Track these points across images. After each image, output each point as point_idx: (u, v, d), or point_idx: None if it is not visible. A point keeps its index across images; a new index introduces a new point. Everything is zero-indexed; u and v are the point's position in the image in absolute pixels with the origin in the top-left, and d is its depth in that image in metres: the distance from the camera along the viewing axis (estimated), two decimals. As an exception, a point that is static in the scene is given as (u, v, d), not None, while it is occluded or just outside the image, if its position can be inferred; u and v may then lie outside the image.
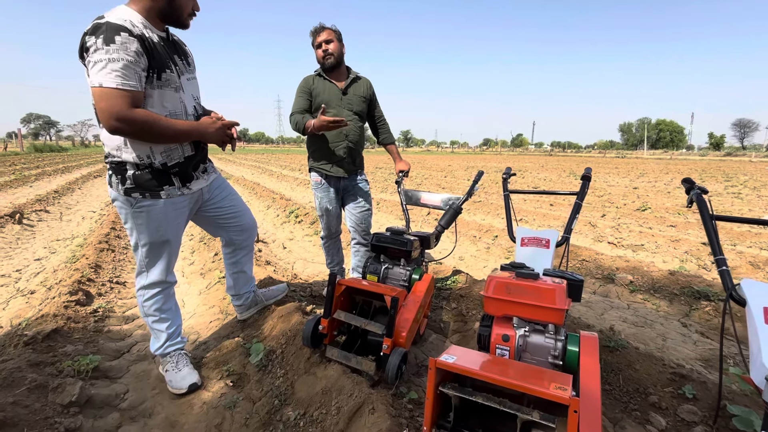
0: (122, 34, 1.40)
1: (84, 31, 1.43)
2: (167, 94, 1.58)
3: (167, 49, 1.61)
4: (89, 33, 1.41)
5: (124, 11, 1.50)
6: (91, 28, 1.41)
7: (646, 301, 3.00)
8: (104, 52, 1.38)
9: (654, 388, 1.71)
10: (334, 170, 2.57)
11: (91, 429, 1.53)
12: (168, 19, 1.61)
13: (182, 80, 1.66)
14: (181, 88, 1.65)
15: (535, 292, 1.38)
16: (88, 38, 1.40)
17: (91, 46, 1.39)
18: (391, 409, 1.45)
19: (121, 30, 1.40)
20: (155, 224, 1.69)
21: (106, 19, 1.42)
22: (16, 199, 7.35)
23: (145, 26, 1.52)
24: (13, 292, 3.06)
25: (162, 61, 1.55)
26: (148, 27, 1.54)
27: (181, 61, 1.69)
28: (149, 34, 1.52)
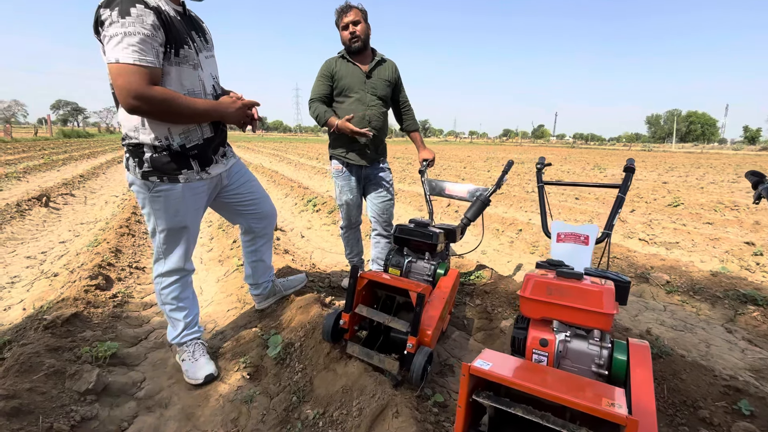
0: (138, 5, 1.32)
1: (99, 3, 1.35)
2: (185, 72, 1.50)
3: (185, 25, 1.53)
4: (104, 5, 1.33)
5: None
6: (106, 0, 1.33)
7: (684, 303, 2.81)
8: (120, 25, 1.30)
9: (704, 401, 1.56)
10: (355, 158, 2.46)
11: (108, 418, 1.49)
12: None
13: (200, 57, 1.57)
14: (199, 66, 1.56)
15: (579, 294, 1.25)
16: (103, 11, 1.32)
17: (106, 20, 1.31)
18: (416, 413, 1.35)
19: (136, 1, 1.32)
20: (173, 209, 1.63)
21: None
22: (45, 182, 7.55)
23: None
24: (38, 273, 3.10)
25: (180, 36, 1.46)
26: (165, 0, 1.45)
27: (199, 38, 1.60)
28: (165, 7, 1.43)
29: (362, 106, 2.40)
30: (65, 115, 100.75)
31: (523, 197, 6.84)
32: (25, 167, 9.24)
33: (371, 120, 2.42)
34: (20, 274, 3.12)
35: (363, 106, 2.40)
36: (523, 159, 20.40)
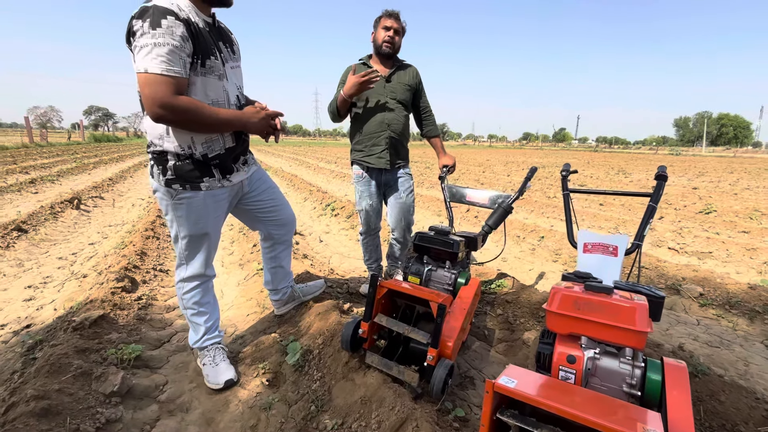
0: (169, 17, 1.35)
1: (131, 14, 1.38)
2: (210, 82, 1.52)
3: (213, 36, 1.55)
4: (136, 17, 1.36)
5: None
6: (139, 11, 1.37)
7: (720, 317, 2.66)
8: (150, 36, 1.33)
9: (746, 426, 1.46)
10: (375, 161, 2.45)
11: (131, 421, 1.52)
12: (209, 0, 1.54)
13: (226, 68, 1.59)
14: (224, 76, 1.58)
15: (611, 310, 1.19)
16: (135, 22, 1.35)
17: (137, 30, 1.35)
18: (436, 428, 1.32)
19: (167, 13, 1.35)
20: (195, 216, 1.65)
21: (154, 2, 1.37)
22: (76, 185, 7.87)
23: (191, 10, 1.46)
24: (68, 274, 3.21)
25: (207, 47, 1.49)
26: (193, 10, 1.48)
27: (226, 49, 1.62)
28: (195, 18, 1.46)
29: (381, 110, 2.40)
30: (96, 120, 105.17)
31: (545, 203, 6.68)
32: (59, 171, 9.67)
33: (390, 123, 2.42)
34: (52, 274, 3.24)
35: (382, 110, 2.40)
36: (545, 163, 20.01)
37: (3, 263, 3.36)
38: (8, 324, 2.36)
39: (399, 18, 2.36)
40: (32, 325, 2.30)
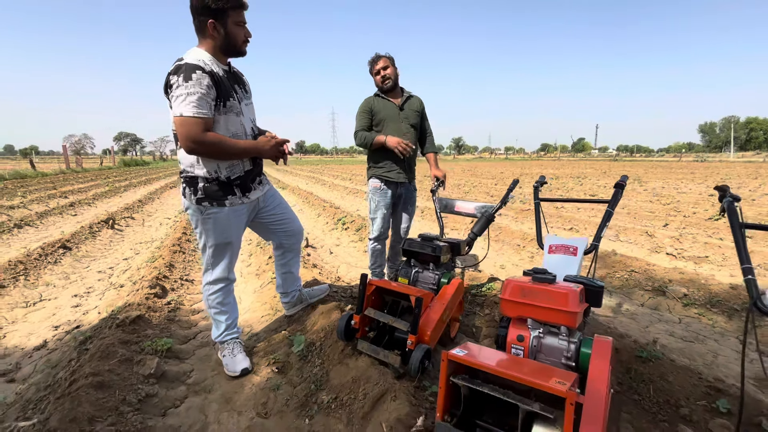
0: (197, 71, 1.71)
1: (168, 71, 1.76)
2: (231, 119, 1.88)
3: (230, 80, 1.91)
4: (172, 73, 1.73)
5: (197, 52, 1.82)
6: (174, 68, 1.73)
7: (701, 315, 2.82)
8: (184, 87, 1.68)
9: (686, 400, 1.66)
10: (395, 176, 2.87)
11: (165, 397, 1.85)
12: (228, 51, 1.90)
13: (242, 106, 1.95)
14: (241, 113, 1.94)
15: (548, 295, 1.45)
16: (172, 77, 1.72)
17: (174, 84, 1.71)
18: (411, 398, 1.59)
19: (196, 68, 1.71)
20: (220, 228, 1.98)
21: (185, 61, 1.74)
22: (110, 207, 8.53)
23: (213, 62, 1.82)
24: (108, 285, 3.64)
25: (227, 91, 1.84)
26: (215, 63, 1.84)
27: (240, 90, 1.99)
28: (216, 69, 1.82)
29: (398, 134, 2.83)
30: (125, 145, 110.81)
31: (552, 213, 6.84)
32: (94, 194, 10.45)
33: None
34: (94, 285, 3.67)
35: (399, 134, 2.83)
36: (558, 174, 19.95)
37: (52, 276, 3.83)
38: (61, 326, 2.77)
39: (380, 57, 2.80)
40: (81, 326, 2.69)
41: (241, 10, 1.84)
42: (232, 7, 1.78)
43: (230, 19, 1.80)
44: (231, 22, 1.81)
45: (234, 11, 1.80)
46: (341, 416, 1.65)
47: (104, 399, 1.64)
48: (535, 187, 2.42)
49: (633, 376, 1.85)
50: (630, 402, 1.75)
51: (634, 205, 8.26)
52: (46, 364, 2.21)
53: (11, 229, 5.78)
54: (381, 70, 2.78)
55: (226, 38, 1.83)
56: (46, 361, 2.25)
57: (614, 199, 2.07)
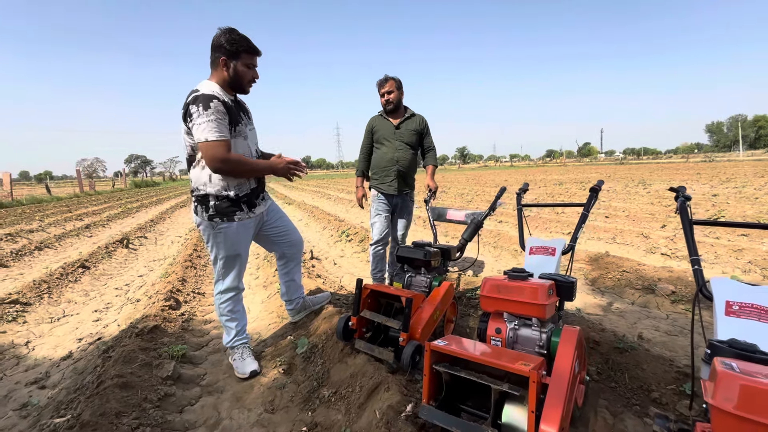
0: (214, 101, 1.93)
1: (186, 101, 1.97)
2: (239, 142, 2.10)
3: (236, 108, 2.14)
4: (191, 102, 1.94)
5: (209, 84, 2.04)
6: (192, 98, 1.95)
7: (688, 311, 2.93)
8: (205, 115, 1.89)
9: (657, 385, 1.80)
10: (387, 189, 3.14)
11: (181, 396, 2.03)
12: (234, 87, 2.13)
13: (247, 130, 2.18)
14: (247, 137, 2.17)
15: (520, 291, 1.62)
16: (191, 107, 1.93)
17: (194, 113, 1.91)
18: (403, 389, 1.75)
19: (212, 98, 1.93)
20: (230, 241, 2.18)
21: (201, 92, 1.96)
22: (123, 228, 8.86)
23: (222, 93, 2.04)
24: (125, 300, 3.86)
25: (235, 117, 2.07)
26: (224, 93, 2.06)
27: (244, 117, 2.21)
28: (226, 98, 2.04)
29: (391, 151, 3.12)
30: (136, 167, 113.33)
31: (549, 218, 6.97)
32: (108, 216, 10.83)
33: (399, 160, 3.13)
34: (112, 301, 3.90)
35: (392, 151, 3.12)
36: (563, 180, 20.02)
37: (74, 294, 4.07)
38: (84, 338, 2.98)
39: (387, 80, 3.07)
40: (102, 337, 2.90)
41: (253, 54, 2.07)
42: (245, 50, 2.02)
43: (241, 61, 2.03)
44: (241, 63, 2.03)
45: (246, 54, 2.03)
46: (340, 407, 1.81)
47: (128, 397, 1.83)
48: (518, 194, 2.60)
49: (611, 365, 1.99)
50: (607, 389, 1.89)
51: (635, 207, 8.34)
52: (73, 371, 2.41)
53: (32, 252, 6.08)
54: (386, 93, 3.06)
55: (234, 76, 2.05)
56: (72, 369, 2.45)
57: (589, 203, 2.24)
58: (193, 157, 2.08)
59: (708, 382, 1.03)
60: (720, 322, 1.32)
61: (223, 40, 1.98)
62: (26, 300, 3.64)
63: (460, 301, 3.05)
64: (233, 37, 2.00)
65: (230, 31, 2.01)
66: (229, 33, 2.00)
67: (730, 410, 0.87)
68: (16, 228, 8.48)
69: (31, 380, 2.38)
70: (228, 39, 1.99)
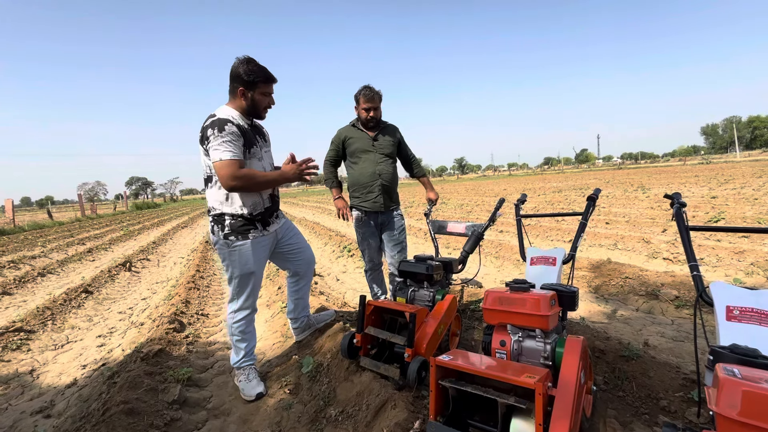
0: (228, 124, 2.02)
1: (203, 125, 2.07)
2: (254, 163, 2.17)
3: (252, 133, 2.21)
4: (208, 126, 2.03)
5: (226, 109, 2.14)
6: (209, 122, 2.04)
7: (692, 316, 2.92)
8: (220, 137, 1.99)
9: (665, 393, 1.79)
10: (371, 206, 2.98)
11: (188, 420, 2.02)
12: (251, 113, 2.21)
13: (262, 152, 2.26)
14: (262, 158, 2.25)
15: (522, 302, 1.63)
16: (208, 130, 2.02)
17: (210, 135, 2.00)
18: (410, 406, 1.74)
19: (227, 122, 2.02)
20: (244, 259, 2.21)
21: (217, 116, 2.06)
22: (126, 251, 8.87)
23: (239, 117, 2.13)
24: (128, 324, 3.85)
25: (251, 140, 2.15)
26: (241, 118, 2.15)
27: (261, 140, 2.29)
28: (242, 122, 2.13)
29: (372, 165, 2.97)
30: (137, 189, 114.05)
31: (550, 227, 6.98)
32: (110, 239, 10.86)
33: (381, 174, 2.98)
34: (115, 325, 3.89)
35: (372, 165, 2.97)
36: (562, 187, 20.10)
37: (77, 319, 4.06)
38: (88, 364, 2.97)
39: (373, 94, 2.89)
40: (106, 363, 2.89)
41: (269, 83, 2.17)
42: (261, 81, 2.11)
43: (258, 90, 2.13)
44: (258, 93, 2.13)
45: (263, 84, 2.13)
46: (347, 427, 1.80)
47: (135, 423, 1.82)
48: (516, 205, 2.63)
49: (617, 374, 1.99)
50: (615, 399, 1.88)
51: (635, 213, 8.36)
52: (78, 399, 2.40)
53: (35, 278, 6.09)
54: (373, 109, 2.86)
55: (251, 104, 2.15)
56: (77, 397, 2.44)
57: (587, 212, 2.27)
58: (210, 178, 2.16)
59: (711, 389, 1.04)
60: (721, 327, 1.33)
61: (241, 71, 2.07)
62: (30, 327, 3.64)
63: (464, 314, 3.04)
64: (251, 68, 2.08)
65: (248, 62, 2.10)
66: (246, 64, 2.09)
67: (734, 417, 0.88)
68: (19, 255, 8.50)
69: (36, 409, 2.37)
70: (246, 70, 2.08)
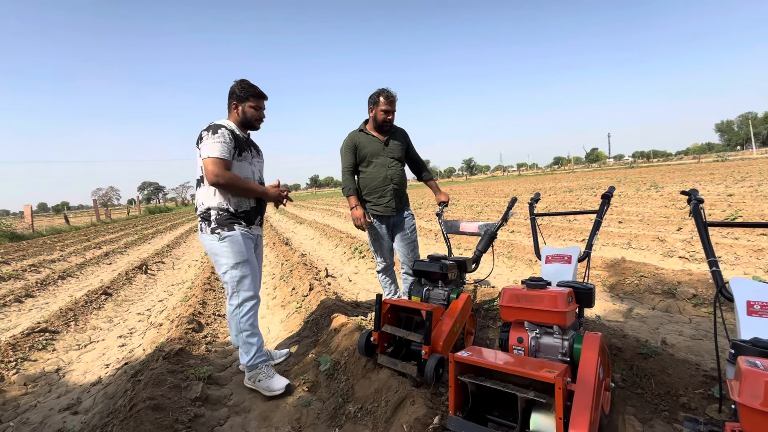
0: (222, 129, 2.21)
1: (201, 130, 2.24)
2: (243, 166, 2.34)
3: (246, 143, 2.39)
4: (205, 129, 2.24)
5: (224, 120, 2.35)
6: (206, 126, 2.25)
7: (711, 314, 2.89)
8: (212, 138, 2.18)
9: (685, 390, 1.78)
10: (383, 210, 3.02)
11: (210, 417, 2.07)
12: (244, 125, 2.41)
13: (253, 160, 2.43)
14: (252, 164, 2.41)
15: (539, 299, 1.64)
16: (204, 132, 2.23)
17: (204, 136, 2.20)
18: (428, 402, 1.77)
19: (221, 127, 2.22)
20: (237, 246, 2.26)
21: (215, 123, 2.26)
22: (141, 254, 9.05)
23: (235, 127, 2.33)
24: (147, 325, 3.94)
25: (243, 146, 2.33)
26: (237, 128, 2.34)
27: (254, 150, 2.47)
28: (237, 132, 2.32)
29: (383, 169, 3.01)
30: (149, 194, 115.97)
31: (561, 226, 6.93)
32: (125, 243, 11.08)
33: (392, 178, 3.02)
34: (135, 326, 3.99)
35: (384, 169, 3.01)
36: (573, 187, 19.88)
37: (98, 320, 4.17)
38: (111, 363, 3.06)
39: (392, 98, 2.92)
40: (128, 362, 2.97)
41: (259, 98, 2.39)
42: (252, 95, 2.35)
43: (248, 103, 2.35)
44: (248, 105, 2.35)
45: (253, 98, 2.36)
46: (367, 423, 1.83)
47: (161, 419, 1.88)
48: (530, 203, 2.64)
49: (636, 372, 1.98)
50: (634, 396, 1.87)
51: (648, 211, 8.25)
52: (104, 396, 2.48)
53: (56, 281, 6.26)
54: (391, 112, 2.91)
55: (244, 116, 2.38)
56: (103, 394, 2.51)
57: (601, 210, 2.27)
58: (202, 178, 2.27)
59: (734, 381, 1.04)
60: (742, 322, 1.33)
61: (236, 89, 2.34)
62: (54, 328, 3.75)
63: (478, 313, 3.05)
64: (243, 86, 2.35)
65: (241, 81, 2.36)
66: (240, 83, 2.35)
67: (757, 407, 0.89)
68: (39, 259, 8.73)
69: (64, 406, 2.44)
70: (239, 87, 2.34)
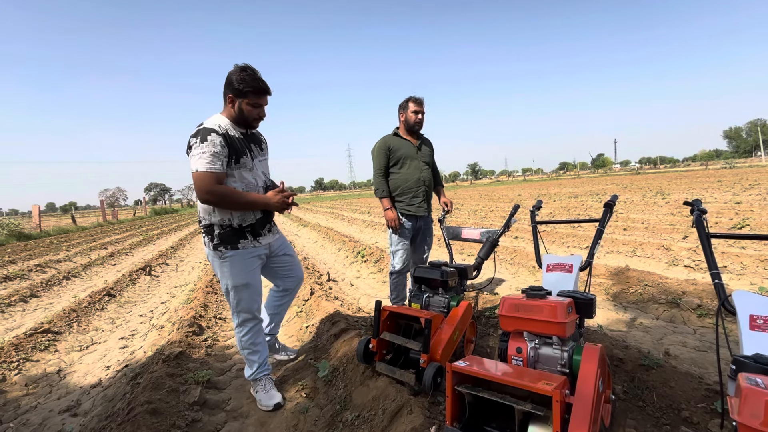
0: (212, 134, 1.97)
1: (190, 134, 2.05)
2: (244, 173, 2.14)
3: (245, 141, 2.18)
4: (193, 135, 2.01)
5: (216, 118, 2.11)
6: (195, 132, 2.02)
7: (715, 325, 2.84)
8: (200, 147, 1.93)
9: (687, 404, 1.75)
10: (416, 210, 3.14)
11: (208, 422, 2.07)
12: (240, 123, 2.14)
13: (254, 162, 2.21)
14: (254, 168, 2.20)
15: (539, 309, 1.62)
16: (191, 139, 2.00)
17: (192, 145, 1.98)
18: (426, 411, 1.75)
19: (211, 131, 1.98)
20: (236, 270, 2.17)
21: (203, 125, 2.02)
22: (145, 255, 9.11)
23: (229, 126, 2.10)
24: (149, 327, 3.96)
25: (240, 150, 2.10)
26: (232, 126, 2.12)
27: (256, 148, 2.25)
28: (232, 132, 2.09)
29: (417, 171, 3.15)
30: (155, 195, 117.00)
31: (566, 233, 6.89)
32: (130, 244, 11.16)
33: (425, 180, 3.17)
34: (137, 328, 4.00)
35: (417, 171, 3.15)
36: (578, 193, 19.78)
37: (100, 322, 4.20)
38: (112, 365, 3.07)
39: (423, 102, 3.11)
40: (129, 365, 2.98)
41: (260, 95, 2.10)
42: (251, 91, 2.05)
43: (247, 100, 2.06)
44: (246, 102, 2.07)
45: (253, 94, 2.06)
46: (364, 431, 1.82)
47: (158, 423, 1.88)
48: (532, 211, 2.62)
49: (637, 384, 1.95)
50: (635, 409, 1.85)
51: (654, 219, 8.18)
52: (103, 398, 2.49)
53: (60, 281, 6.31)
54: (422, 113, 3.10)
55: (239, 114, 2.10)
56: (102, 397, 2.52)
57: (603, 218, 2.25)
58: None
59: (734, 399, 1.02)
60: (745, 336, 1.31)
61: (234, 78, 2.03)
62: (57, 329, 3.77)
63: (479, 321, 3.03)
64: (243, 77, 2.03)
65: (242, 70, 2.04)
66: (240, 72, 2.03)
67: (757, 427, 0.87)
68: (45, 258, 8.82)
69: (64, 408, 2.45)
70: (237, 78, 2.03)
